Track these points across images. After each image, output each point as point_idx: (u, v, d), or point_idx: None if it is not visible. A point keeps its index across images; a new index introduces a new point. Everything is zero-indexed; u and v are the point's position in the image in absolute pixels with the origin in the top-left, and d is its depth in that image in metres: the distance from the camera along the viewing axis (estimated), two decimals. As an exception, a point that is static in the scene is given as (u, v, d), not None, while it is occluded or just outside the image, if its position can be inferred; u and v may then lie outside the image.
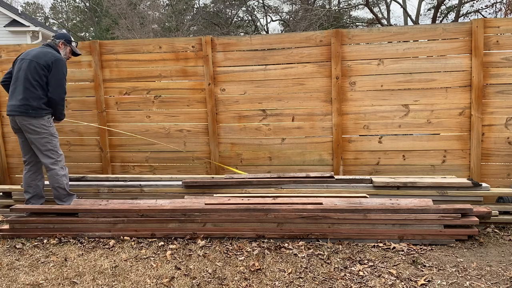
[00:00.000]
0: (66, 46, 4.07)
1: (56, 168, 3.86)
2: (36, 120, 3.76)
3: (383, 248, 3.33)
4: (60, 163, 3.91)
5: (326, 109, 4.50)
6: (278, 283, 2.80)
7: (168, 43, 4.70)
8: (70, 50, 4.11)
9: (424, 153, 4.40)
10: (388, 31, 4.39)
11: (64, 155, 4.01)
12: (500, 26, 4.15)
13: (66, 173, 3.95)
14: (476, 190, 3.79)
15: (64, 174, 3.92)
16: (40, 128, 3.77)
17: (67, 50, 4.08)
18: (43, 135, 3.80)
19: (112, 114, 4.87)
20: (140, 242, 3.55)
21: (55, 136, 3.89)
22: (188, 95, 4.74)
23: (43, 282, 2.89)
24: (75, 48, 4.15)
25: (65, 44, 4.06)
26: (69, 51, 4.11)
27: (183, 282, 2.84)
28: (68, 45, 4.08)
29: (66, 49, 4.07)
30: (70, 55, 4.14)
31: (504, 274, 2.86)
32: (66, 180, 3.93)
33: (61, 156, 3.94)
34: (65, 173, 3.94)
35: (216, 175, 4.51)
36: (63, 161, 3.95)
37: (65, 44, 4.06)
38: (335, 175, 4.33)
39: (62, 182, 3.88)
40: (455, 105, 4.30)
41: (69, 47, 4.09)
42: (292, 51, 4.52)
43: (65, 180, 3.92)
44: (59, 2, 35.11)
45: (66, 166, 3.99)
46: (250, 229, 3.55)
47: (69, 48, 4.10)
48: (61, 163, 3.92)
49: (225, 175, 4.26)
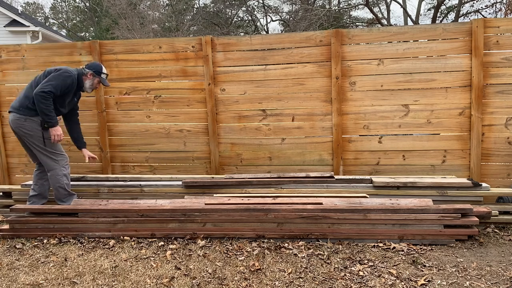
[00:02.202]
0: (94, 77, 4.02)
1: (57, 168, 3.86)
2: (27, 123, 3.76)
3: (383, 248, 3.33)
4: (61, 162, 3.90)
5: (326, 109, 4.50)
6: (278, 283, 2.80)
7: (168, 43, 4.70)
8: (98, 81, 4.07)
9: (424, 153, 4.40)
10: (388, 31, 4.39)
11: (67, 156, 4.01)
12: (500, 26, 4.15)
13: (67, 173, 3.95)
14: (476, 190, 3.79)
15: (65, 174, 3.92)
16: (32, 131, 3.78)
17: (94, 81, 4.05)
18: (36, 137, 3.80)
19: (112, 114, 4.87)
20: (140, 242, 3.55)
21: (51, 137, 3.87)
22: (188, 95, 4.74)
23: (43, 282, 2.89)
24: (104, 80, 4.10)
25: (93, 75, 4.02)
26: (97, 82, 4.07)
27: (183, 282, 2.84)
28: (97, 76, 4.04)
29: (93, 80, 4.03)
30: (97, 86, 4.12)
31: (504, 274, 2.86)
32: (67, 180, 3.93)
33: (62, 156, 3.93)
34: (66, 173, 3.93)
35: (216, 175, 4.52)
36: (64, 161, 3.93)
37: (94, 75, 4.02)
38: (335, 175, 4.34)
39: (62, 182, 3.88)
40: (455, 105, 4.30)
41: (97, 78, 4.05)
42: (292, 51, 4.52)
43: (66, 180, 3.91)
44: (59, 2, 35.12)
45: (68, 166, 3.99)
46: (250, 229, 3.55)
47: (97, 79, 4.05)
48: (62, 162, 3.91)
49: (225, 175, 4.27)
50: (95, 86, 4.10)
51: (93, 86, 4.08)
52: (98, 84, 4.12)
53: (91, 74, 4.01)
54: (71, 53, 4.86)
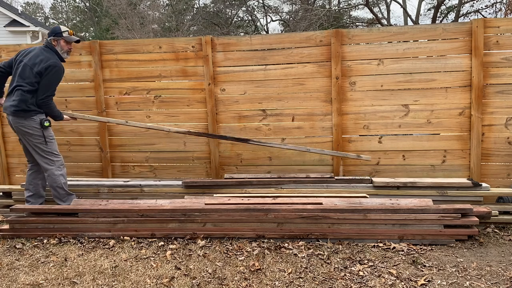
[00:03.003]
0: (58, 41, 3.88)
1: (53, 168, 3.86)
2: (27, 121, 3.77)
3: (383, 248, 3.33)
4: (57, 163, 3.89)
5: (326, 109, 4.50)
6: (278, 283, 2.80)
7: (168, 43, 4.70)
8: (65, 42, 3.90)
9: (424, 153, 4.40)
10: (388, 31, 4.39)
11: (62, 157, 4.01)
12: (500, 26, 4.15)
13: (63, 173, 3.93)
14: (476, 190, 3.79)
15: (62, 173, 3.91)
16: (32, 130, 3.79)
17: (61, 44, 3.89)
18: (35, 136, 3.80)
19: (112, 114, 4.86)
20: (140, 242, 3.55)
21: (49, 137, 3.87)
22: (188, 95, 4.73)
23: (43, 282, 2.89)
24: (68, 37, 3.90)
25: (56, 40, 3.88)
26: (64, 43, 3.90)
27: (183, 282, 2.84)
28: (60, 38, 3.87)
29: (60, 43, 3.88)
30: (69, 47, 3.95)
31: (504, 274, 2.86)
32: (64, 180, 3.92)
33: (58, 157, 3.93)
34: (63, 173, 3.92)
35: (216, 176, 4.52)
36: (60, 162, 3.93)
37: (56, 39, 3.87)
38: (335, 175, 4.34)
39: (60, 181, 3.87)
40: (455, 105, 4.30)
41: (62, 39, 3.88)
42: (292, 51, 4.51)
43: (63, 179, 3.91)
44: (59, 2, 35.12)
45: (64, 167, 3.98)
46: (250, 229, 3.55)
47: (62, 40, 3.88)
48: (58, 163, 3.91)
49: (225, 175, 4.27)
50: (66, 48, 3.92)
51: (63, 49, 3.90)
52: (68, 45, 3.93)
53: (54, 40, 3.87)
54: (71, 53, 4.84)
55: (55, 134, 4.90)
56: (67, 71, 4.85)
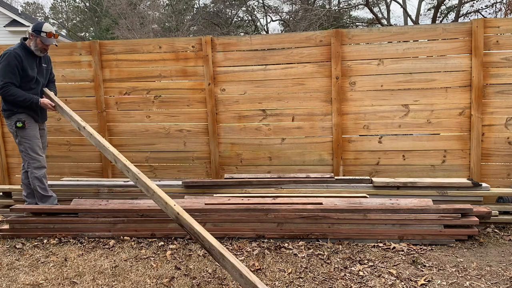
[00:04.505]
0: (35, 37, 3.76)
1: (29, 169, 3.90)
2: (7, 120, 3.90)
3: (383, 248, 3.33)
4: (33, 165, 3.87)
5: (326, 109, 4.50)
6: (278, 283, 2.80)
7: (168, 43, 4.70)
8: (40, 42, 3.77)
9: (424, 153, 4.40)
10: (388, 31, 4.39)
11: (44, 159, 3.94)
12: (500, 26, 4.15)
13: (39, 176, 3.87)
14: (476, 190, 3.79)
15: (37, 176, 3.87)
16: (12, 130, 3.90)
17: (37, 42, 3.77)
18: (14, 136, 3.92)
19: (112, 114, 4.86)
20: (140, 242, 3.55)
21: (26, 138, 3.84)
22: (188, 95, 4.74)
23: (43, 282, 2.89)
24: (45, 39, 3.77)
25: (34, 35, 3.77)
26: (40, 42, 3.77)
27: (183, 282, 2.84)
28: (37, 36, 3.76)
29: (36, 40, 3.77)
30: (44, 46, 3.81)
31: (504, 274, 2.86)
32: (39, 183, 3.88)
33: (35, 159, 3.87)
34: (38, 176, 3.87)
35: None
36: (36, 164, 3.87)
37: (34, 35, 3.76)
38: (335, 175, 4.34)
39: (34, 183, 3.89)
40: (455, 105, 4.30)
41: (38, 38, 3.76)
42: (292, 51, 4.51)
43: (38, 182, 3.88)
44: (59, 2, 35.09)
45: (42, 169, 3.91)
46: (250, 229, 3.55)
47: (38, 39, 3.77)
48: (34, 165, 3.87)
49: (225, 175, 4.27)
50: (40, 47, 3.80)
51: (37, 46, 3.78)
52: (43, 45, 3.81)
53: (31, 35, 3.77)
54: (71, 53, 4.85)
55: (55, 134, 4.93)
56: (67, 71, 4.87)
